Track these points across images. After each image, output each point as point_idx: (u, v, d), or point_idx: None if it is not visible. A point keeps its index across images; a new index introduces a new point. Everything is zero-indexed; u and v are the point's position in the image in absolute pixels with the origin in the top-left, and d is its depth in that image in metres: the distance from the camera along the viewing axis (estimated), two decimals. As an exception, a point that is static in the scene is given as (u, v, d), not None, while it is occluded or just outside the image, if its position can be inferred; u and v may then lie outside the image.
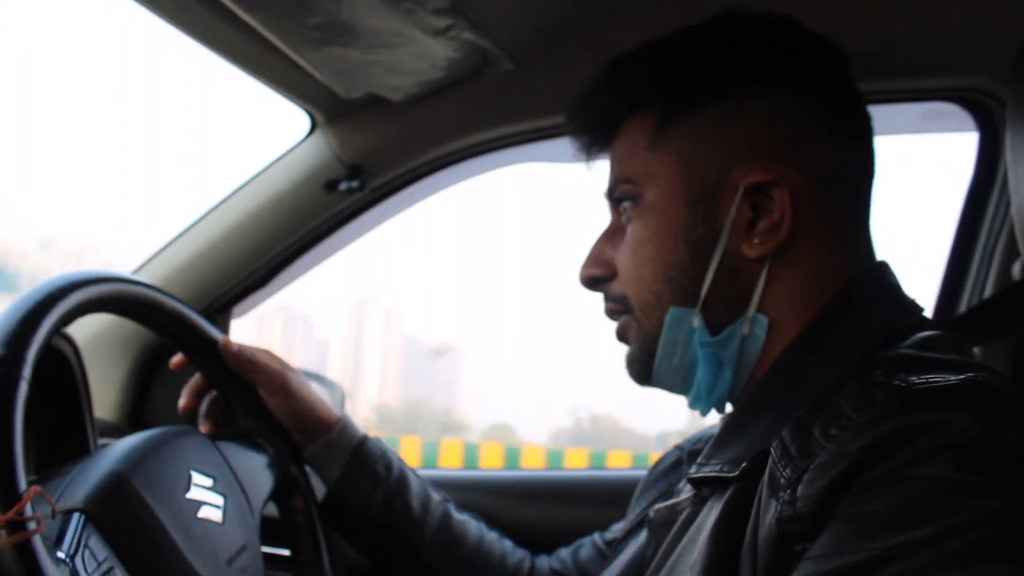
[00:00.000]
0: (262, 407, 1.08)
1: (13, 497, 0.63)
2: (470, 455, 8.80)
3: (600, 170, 0.90)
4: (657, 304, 0.80)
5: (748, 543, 0.63)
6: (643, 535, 0.88)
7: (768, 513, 0.61)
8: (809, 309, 0.76)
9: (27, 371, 0.69)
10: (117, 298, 0.88)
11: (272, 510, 1.07)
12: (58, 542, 0.72)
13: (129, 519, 0.79)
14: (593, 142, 0.88)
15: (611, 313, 0.86)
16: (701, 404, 0.81)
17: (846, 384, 0.64)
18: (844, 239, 0.79)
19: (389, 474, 1.12)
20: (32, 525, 0.63)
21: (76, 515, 0.75)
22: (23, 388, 0.68)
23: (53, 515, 0.73)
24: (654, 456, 1.11)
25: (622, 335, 0.85)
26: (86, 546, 0.73)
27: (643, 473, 1.56)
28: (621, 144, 0.84)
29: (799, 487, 0.59)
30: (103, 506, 0.77)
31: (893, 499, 0.54)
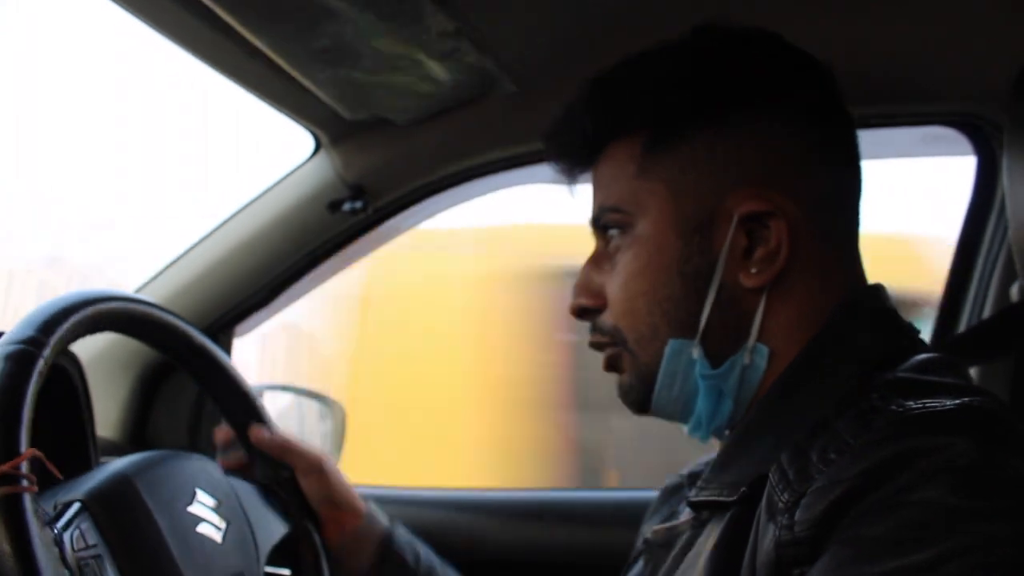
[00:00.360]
0: (295, 486, 1.08)
1: (12, 452, 0.67)
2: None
3: (584, 193, 0.87)
4: (653, 337, 0.78)
5: (746, 567, 0.63)
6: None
7: (766, 537, 0.61)
8: (805, 336, 0.75)
9: (47, 353, 0.74)
10: (146, 321, 0.92)
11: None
12: (52, 521, 0.74)
13: (126, 517, 0.80)
14: (574, 165, 0.85)
15: (598, 346, 0.83)
16: (701, 432, 0.80)
17: (844, 409, 0.64)
18: (838, 262, 0.78)
19: (418, 564, 1.11)
20: (25, 483, 0.66)
21: (75, 505, 0.77)
22: (41, 365, 0.72)
23: (56, 508, 0.76)
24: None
25: (613, 364, 0.82)
26: (78, 528, 0.75)
27: (643, 493, 1.57)
28: (606, 169, 0.81)
29: (797, 511, 0.59)
30: (102, 499, 0.79)
31: (891, 524, 0.54)
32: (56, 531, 0.73)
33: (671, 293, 0.76)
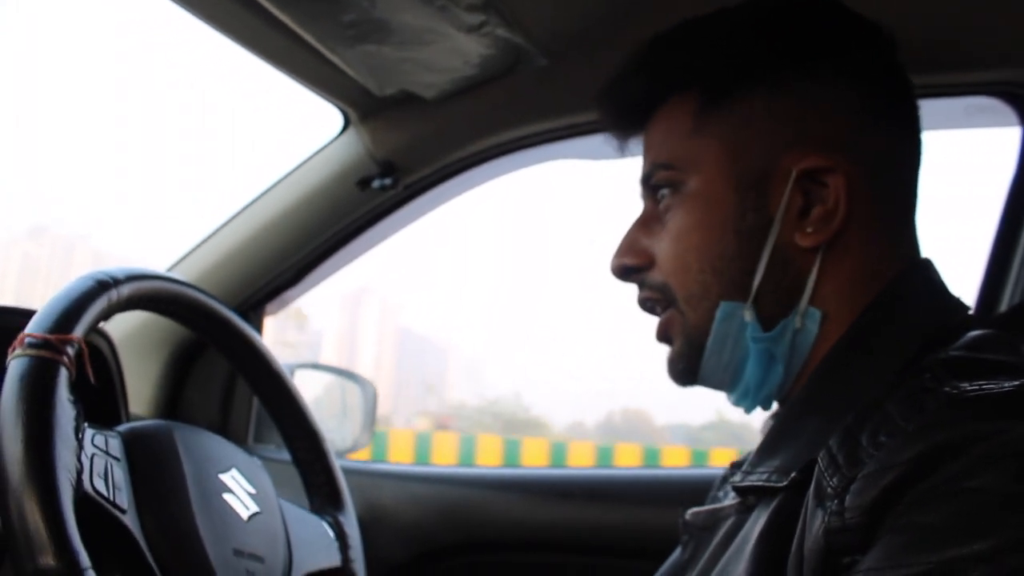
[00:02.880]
0: (341, 530, 1.07)
1: (65, 331, 0.70)
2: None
3: (630, 159, 0.86)
4: (704, 295, 0.76)
5: (794, 554, 0.61)
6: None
7: (815, 523, 0.59)
8: (859, 303, 0.73)
9: (123, 278, 0.80)
10: (179, 300, 0.93)
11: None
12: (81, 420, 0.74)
13: (155, 456, 0.81)
14: (628, 125, 0.84)
15: (647, 303, 0.82)
16: (747, 401, 0.78)
17: (895, 389, 0.61)
18: (893, 231, 0.76)
19: None
20: (66, 360, 0.69)
21: (110, 431, 0.78)
22: (114, 296, 0.78)
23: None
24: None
25: (664, 334, 0.81)
26: (103, 435, 0.76)
27: (675, 471, 1.55)
28: (659, 128, 0.81)
29: (847, 497, 0.57)
30: (137, 437, 0.80)
31: (948, 511, 0.52)
32: (80, 417, 0.72)
33: (724, 250, 0.75)
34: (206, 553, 0.79)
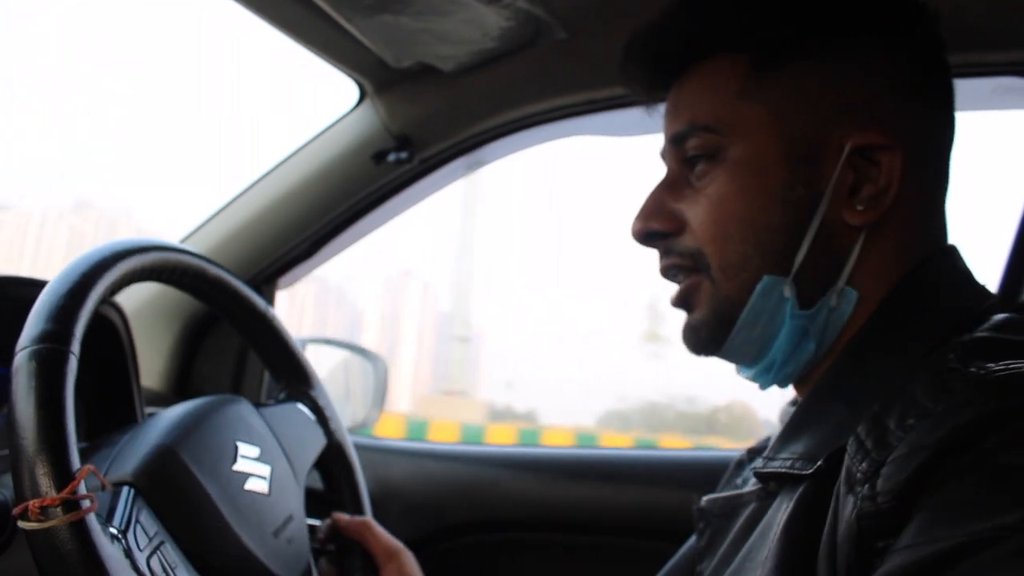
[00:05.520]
0: (316, 405, 1.09)
1: (67, 476, 0.63)
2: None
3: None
4: (743, 266, 0.73)
5: (826, 543, 0.60)
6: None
7: (846, 510, 0.58)
8: (886, 285, 0.72)
9: (76, 346, 0.68)
10: (192, 273, 0.91)
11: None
12: (110, 517, 0.73)
13: (177, 492, 0.79)
14: (659, 79, 0.80)
15: (671, 270, 0.78)
16: (766, 377, 0.77)
17: (920, 372, 0.60)
18: (929, 215, 0.74)
19: None
20: (86, 504, 0.63)
21: (126, 489, 0.76)
22: (73, 364, 0.67)
23: (103, 487, 0.73)
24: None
25: (684, 299, 0.78)
26: (137, 521, 0.74)
27: (686, 453, 1.55)
28: (698, 86, 0.76)
29: (878, 481, 0.56)
30: (152, 479, 0.78)
31: (980, 485, 0.51)
32: (120, 535, 0.71)
33: (770, 222, 0.72)
34: (262, 563, 0.83)
